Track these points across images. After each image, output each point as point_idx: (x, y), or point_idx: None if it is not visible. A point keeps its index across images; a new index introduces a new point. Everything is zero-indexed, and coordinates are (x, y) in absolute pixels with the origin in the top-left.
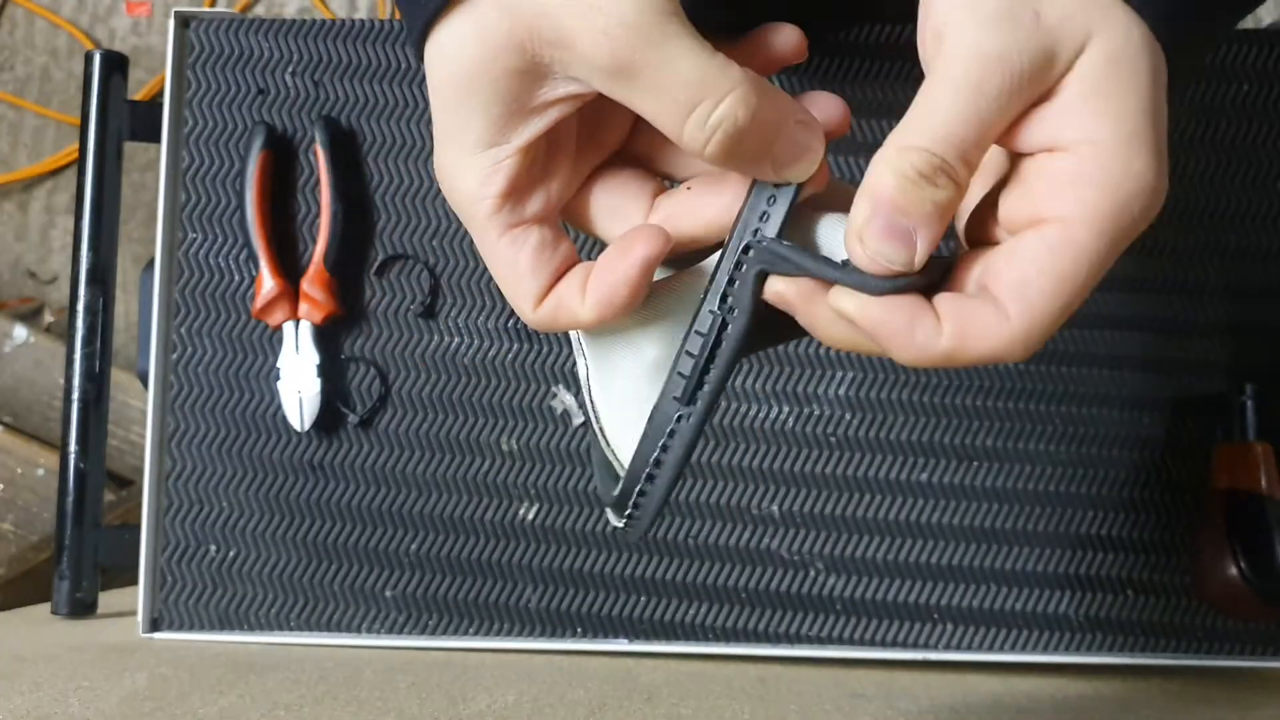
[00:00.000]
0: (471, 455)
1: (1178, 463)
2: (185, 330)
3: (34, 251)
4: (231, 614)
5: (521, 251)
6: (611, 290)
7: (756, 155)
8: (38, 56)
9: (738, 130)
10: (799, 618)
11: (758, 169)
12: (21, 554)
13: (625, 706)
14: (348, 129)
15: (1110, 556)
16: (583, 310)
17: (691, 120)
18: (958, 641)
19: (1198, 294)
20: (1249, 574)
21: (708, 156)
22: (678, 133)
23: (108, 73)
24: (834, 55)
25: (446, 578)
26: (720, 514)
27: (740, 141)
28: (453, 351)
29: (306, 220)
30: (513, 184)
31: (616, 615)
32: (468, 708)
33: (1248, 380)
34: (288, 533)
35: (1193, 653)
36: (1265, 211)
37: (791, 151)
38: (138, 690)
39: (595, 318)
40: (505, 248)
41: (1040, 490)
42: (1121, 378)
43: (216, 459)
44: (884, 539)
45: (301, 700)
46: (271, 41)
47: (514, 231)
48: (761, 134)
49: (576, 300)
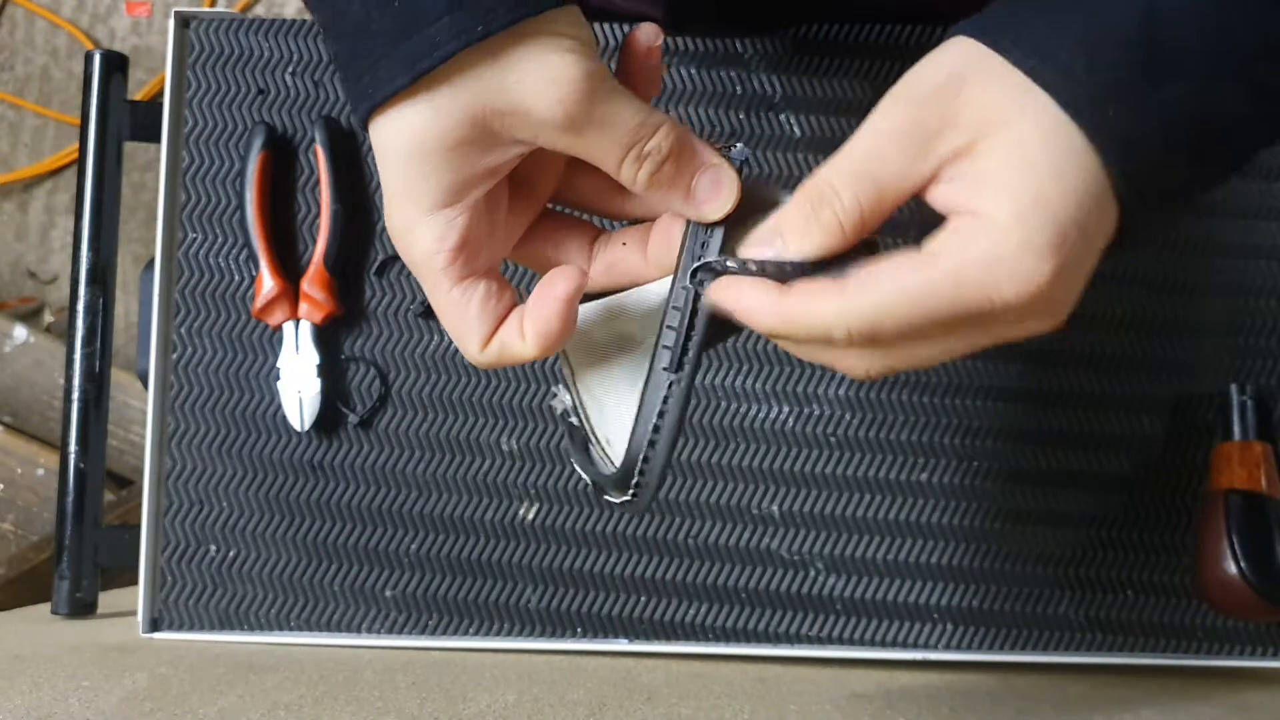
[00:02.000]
0: (471, 455)
1: (1178, 463)
2: (185, 330)
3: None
4: (231, 614)
5: (471, 301)
6: (547, 325)
7: (675, 184)
8: (38, 56)
9: (664, 158)
10: (799, 618)
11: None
12: (21, 554)
13: (625, 706)
14: (348, 129)
15: (1110, 556)
16: (525, 347)
17: (630, 155)
18: (958, 641)
19: (1198, 294)
20: (1249, 574)
21: (640, 183)
22: (617, 168)
23: (108, 73)
24: (834, 55)
25: (446, 578)
26: (720, 514)
27: (665, 169)
28: (453, 351)
29: (306, 220)
30: (463, 240)
31: (616, 615)
32: (468, 708)
33: (1248, 380)
34: (288, 533)
35: (1193, 653)
36: (1265, 211)
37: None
38: (138, 690)
39: (538, 352)
40: (456, 298)
41: (1040, 490)
42: (1121, 378)
43: (216, 459)
44: (884, 539)
45: (301, 700)
46: (271, 41)
47: (465, 283)
48: (680, 166)
49: (518, 340)
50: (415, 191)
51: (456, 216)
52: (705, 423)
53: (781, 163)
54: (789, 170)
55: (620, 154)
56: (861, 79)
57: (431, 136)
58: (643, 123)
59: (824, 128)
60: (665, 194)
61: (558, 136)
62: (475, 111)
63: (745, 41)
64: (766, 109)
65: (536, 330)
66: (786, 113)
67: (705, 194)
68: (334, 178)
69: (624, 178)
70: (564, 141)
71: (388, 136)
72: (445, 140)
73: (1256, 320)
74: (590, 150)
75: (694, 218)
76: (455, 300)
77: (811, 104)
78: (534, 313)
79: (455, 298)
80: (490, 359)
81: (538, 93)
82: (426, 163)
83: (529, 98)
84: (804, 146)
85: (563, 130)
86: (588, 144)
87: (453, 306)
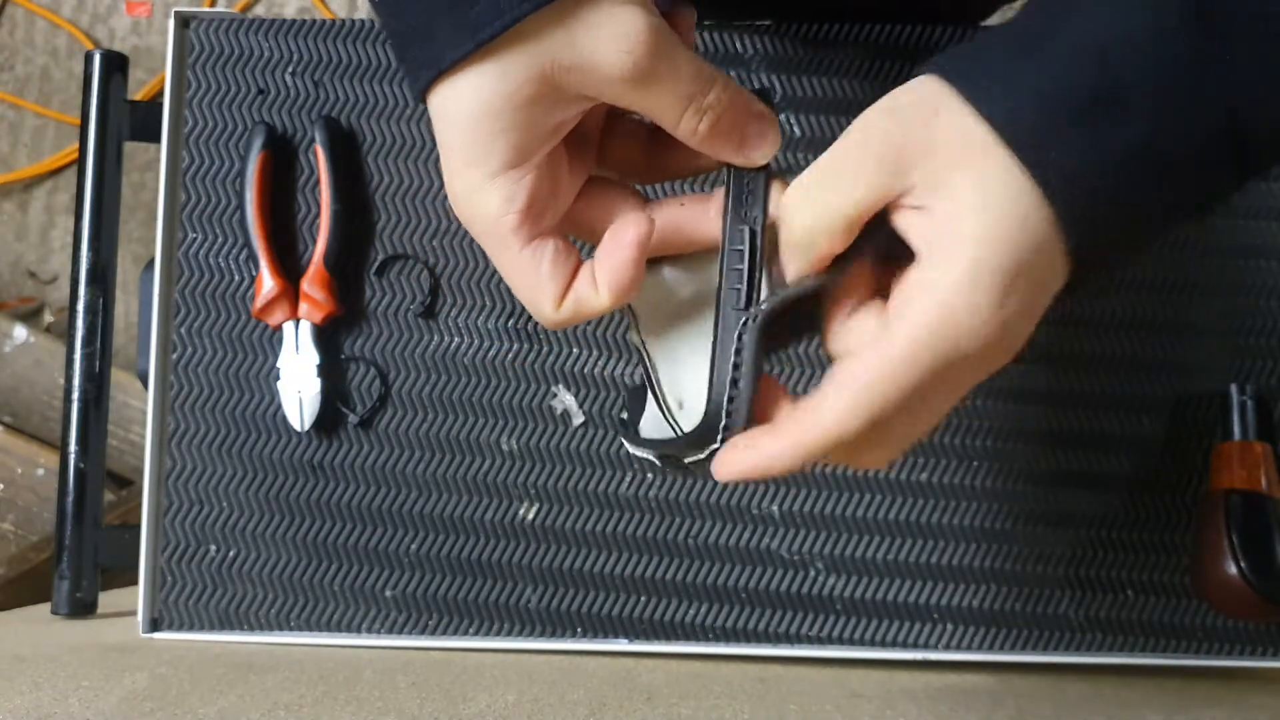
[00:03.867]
0: (471, 455)
1: (1177, 463)
2: (185, 330)
3: (34, 251)
4: (231, 614)
5: (542, 261)
6: (619, 273)
7: (731, 133)
8: (38, 56)
9: (722, 111)
10: (799, 618)
11: (733, 148)
12: (21, 554)
13: (625, 706)
14: (348, 129)
15: (1110, 556)
16: (599, 299)
17: (690, 109)
18: (958, 641)
19: (1198, 294)
20: (1249, 574)
21: (700, 135)
22: (678, 121)
23: (108, 73)
24: (835, 55)
25: (446, 578)
26: (720, 514)
27: (722, 122)
28: (453, 351)
29: (306, 220)
30: (531, 199)
31: (616, 615)
32: (468, 708)
33: (1248, 380)
34: (288, 533)
35: (1193, 653)
36: (1265, 211)
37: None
38: (138, 690)
39: (612, 301)
40: (527, 259)
41: (1040, 490)
42: (1120, 378)
43: (216, 459)
44: (884, 539)
45: (301, 700)
46: (271, 41)
47: (534, 244)
48: (735, 116)
49: (592, 293)
50: (481, 154)
51: (524, 176)
52: None
53: (781, 162)
54: (789, 170)
55: (682, 107)
56: (861, 79)
57: (499, 97)
58: (701, 76)
59: (824, 128)
60: (721, 144)
61: (623, 91)
62: (544, 68)
63: (745, 41)
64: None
65: (608, 280)
66: (786, 112)
67: (755, 142)
68: (334, 178)
69: (683, 129)
70: (629, 96)
71: (450, 102)
72: (512, 100)
73: (1256, 320)
74: (652, 104)
75: (744, 164)
76: (526, 261)
77: (811, 104)
78: (605, 262)
79: (526, 258)
80: (566, 315)
81: (606, 49)
82: (495, 123)
83: (597, 54)
84: (804, 146)
85: (630, 84)
86: (652, 97)
87: (524, 268)
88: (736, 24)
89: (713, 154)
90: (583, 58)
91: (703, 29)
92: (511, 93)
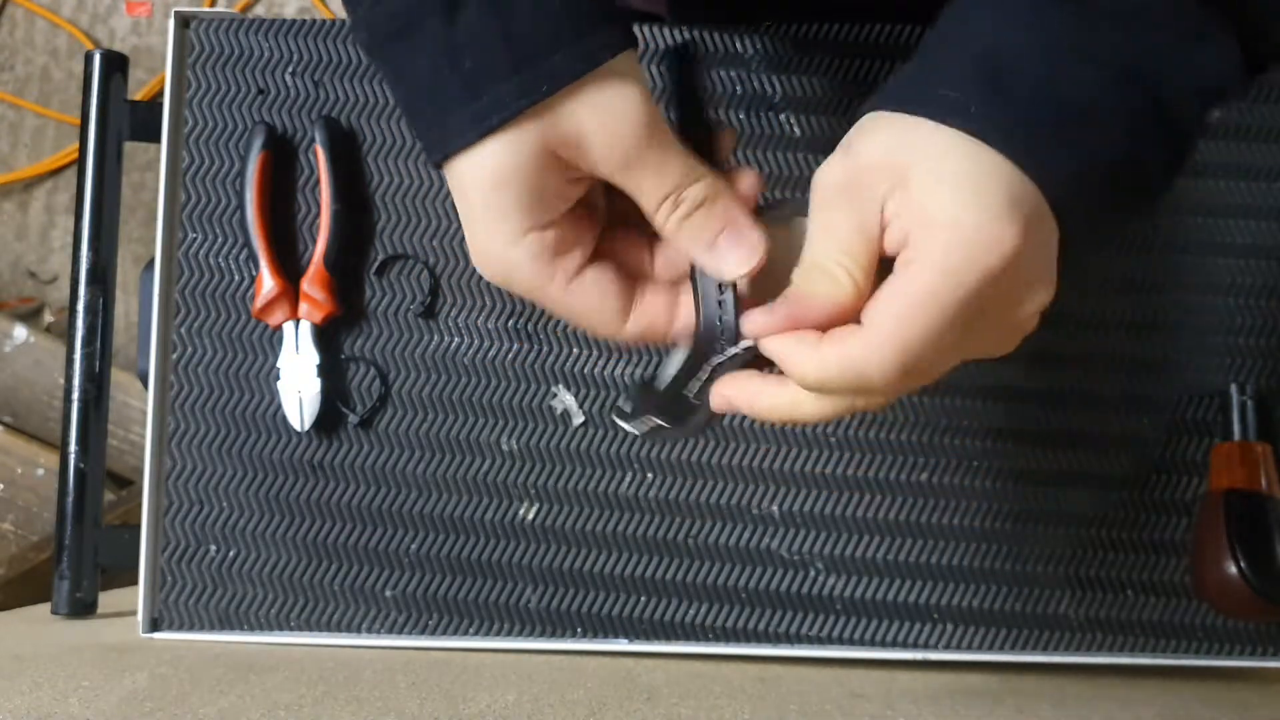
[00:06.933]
0: (471, 455)
1: (1178, 463)
2: (185, 330)
3: (34, 251)
4: (231, 614)
5: (589, 293)
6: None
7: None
8: (38, 56)
9: (696, 205)
10: (799, 618)
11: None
12: (21, 554)
13: (625, 706)
14: (348, 129)
15: (1110, 556)
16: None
17: (667, 202)
18: (957, 641)
19: (1197, 294)
20: (1249, 574)
21: (670, 226)
22: (655, 209)
23: (108, 73)
24: (834, 55)
25: (446, 578)
26: (720, 514)
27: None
28: (453, 351)
29: (306, 220)
30: (557, 246)
31: (616, 615)
32: (468, 708)
33: (1248, 380)
34: (288, 533)
35: (1193, 653)
36: (1266, 211)
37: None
38: (138, 690)
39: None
40: (576, 295)
41: (1040, 490)
42: (1121, 378)
43: (216, 459)
44: (884, 539)
45: (301, 700)
46: (271, 41)
47: (573, 282)
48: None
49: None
50: (502, 215)
51: (547, 229)
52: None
53: (781, 162)
54: (789, 170)
55: (661, 195)
56: (861, 79)
57: (509, 169)
58: (687, 172)
59: (824, 128)
60: (690, 240)
61: (612, 172)
62: (547, 144)
63: (745, 41)
64: (766, 109)
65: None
66: (786, 113)
67: (725, 249)
68: (334, 178)
69: (658, 218)
70: (617, 178)
71: (466, 176)
72: (522, 171)
73: (1256, 320)
74: (636, 188)
75: (710, 271)
76: (574, 298)
77: (811, 104)
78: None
79: (575, 295)
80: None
81: (597, 135)
82: (510, 192)
83: (589, 138)
84: (804, 146)
85: (617, 169)
86: (636, 182)
87: (574, 304)
88: (736, 24)
89: (683, 248)
90: (576, 142)
91: (703, 29)
92: (521, 164)
